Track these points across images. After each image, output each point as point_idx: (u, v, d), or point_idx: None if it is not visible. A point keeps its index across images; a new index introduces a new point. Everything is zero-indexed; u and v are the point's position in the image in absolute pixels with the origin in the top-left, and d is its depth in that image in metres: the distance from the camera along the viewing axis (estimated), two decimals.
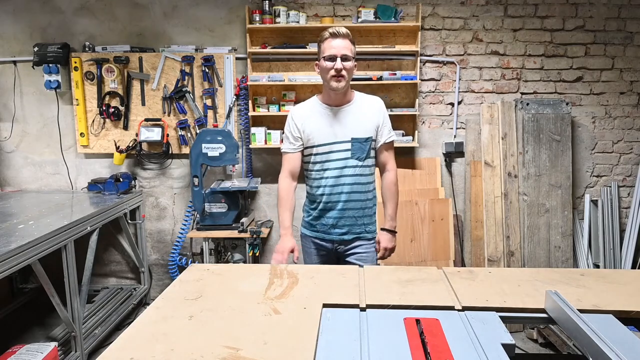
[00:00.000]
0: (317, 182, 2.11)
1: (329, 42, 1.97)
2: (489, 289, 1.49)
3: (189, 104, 3.44)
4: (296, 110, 2.15)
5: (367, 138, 2.07)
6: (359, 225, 2.12)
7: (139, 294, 3.56)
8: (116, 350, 1.14)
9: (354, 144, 2.05)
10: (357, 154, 2.06)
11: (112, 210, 3.05)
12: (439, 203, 3.44)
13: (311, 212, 2.17)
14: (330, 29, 1.98)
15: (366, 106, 2.11)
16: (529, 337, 3.13)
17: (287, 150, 2.14)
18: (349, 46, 1.97)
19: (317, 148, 2.08)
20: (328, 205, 2.10)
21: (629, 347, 1.10)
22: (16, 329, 3.14)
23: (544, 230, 3.35)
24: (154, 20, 3.42)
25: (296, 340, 1.16)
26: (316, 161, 2.10)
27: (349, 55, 1.97)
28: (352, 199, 2.08)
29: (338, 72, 1.96)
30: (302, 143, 2.10)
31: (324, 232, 2.14)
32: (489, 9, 3.37)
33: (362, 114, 2.08)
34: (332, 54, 1.95)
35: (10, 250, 2.06)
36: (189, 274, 1.66)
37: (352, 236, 2.12)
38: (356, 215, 2.11)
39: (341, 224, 2.10)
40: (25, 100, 3.54)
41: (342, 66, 1.95)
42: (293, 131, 2.11)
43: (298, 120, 2.10)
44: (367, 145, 2.07)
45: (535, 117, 3.33)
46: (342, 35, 1.96)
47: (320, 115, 2.08)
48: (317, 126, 2.07)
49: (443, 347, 1.12)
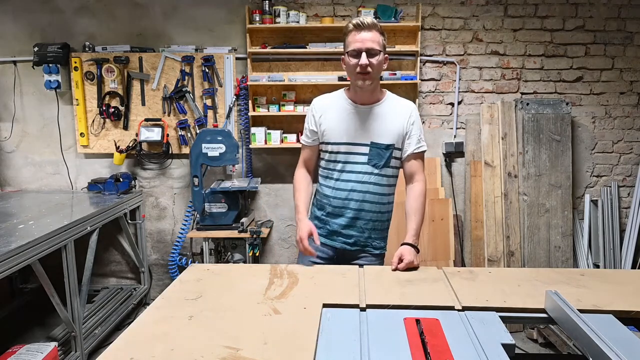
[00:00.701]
0: (327, 182, 1.96)
1: (353, 36, 1.77)
2: (489, 289, 1.49)
3: (189, 104, 3.44)
4: (317, 101, 1.98)
5: (388, 145, 1.87)
6: (364, 239, 1.94)
7: (139, 294, 3.56)
8: (116, 350, 1.14)
9: (372, 149, 1.86)
10: (374, 160, 1.87)
11: (112, 210, 3.05)
12: (439, 203, 3.44)
13: (317, 213, 2.01)
14: (355, 20, 1.77)
15: (396, 110, 1.91)
16: (529, 337, 3.13)
17: (303, 142, 2.01)
18: (376, 38, 1.77)
19: (331, 146, 1.91)
20: (335, 210, 1.94)
21: (629, 347, 1.10)
22: (16, 329, 3.14)
23: (544, 230, 3.35)
24: (154, 20, 3.42)
25: (296, 340, 1.16)
26: (329, 160, 1.94)
27: (375, 48, 1.76)
28: (362, 209, 1.90)
29: (363, 69, 1.76)
30: (317, 138, 1.95)
31: (326, 236, 1.96)
32: (489, 9, 3.37)
33: (389, 117, 1.88)
34: (356, 48, 1.75)
35: (10, 250, 2.05)
36: (189, 274, 1.66)
37: (356, 248, 1.95)
38: (365, 227, 1.93)
39: (347, 233, 1.93)
40: (25, 100, 3.54)
41: (368, 62, 1.75)
42: (310, 124, 1.96)
43: (317, 112, 1.93)
44: (388, 153, 1.88)
45: (535, 117, 3.33)
46: (367, 26, 1.75)
47: (342, 111, 1.90)
48: (335, 122, 1.90)
49: (443, 347, 1.12)
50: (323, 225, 1.98)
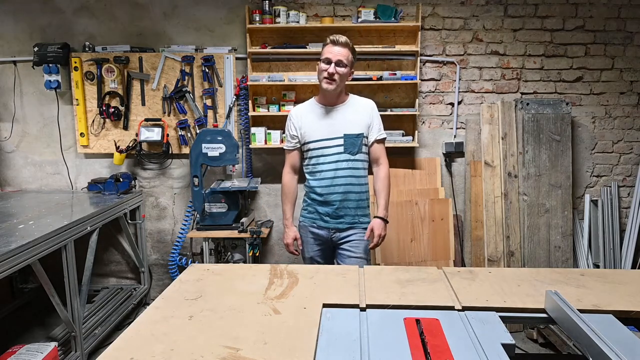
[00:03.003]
0: (313, 175, 2.33)
1: (328, 47, 2.21)
2: (489, 289, 1.49)
3: (189, 104, 3.44)
4: (294, 110, 2.40)
5: (358, 134, 2.28)
6: (352, 216, 2.32)
7: (139, 294, 3.56)
8: (116, 350, 1.14)
9: (346, 139, 2.26)
10: (349, 148, 2.27)
11: (112, 210, 3.05)
12: (439, 203, 3.44)
13: (309, 202, 2.38)
14: (332, 37, 2.21)
15: (358, 106, 2.33)
16: (529, 337, 3.13)
17: (287, 147, 2.43)
18: (345, 54, 2.19)
19: (312, 144, 2.30)
20: (325, 197, 2.30)
21: (629, 347, 1.10)
22: (16, 329, 3.14)
23: (544, 230, 3.35)
24: (154, 20, 3.42)
25: (296, 340, 1.16)
26: (312, 156, 2.32)
27: (343, 61, 2.18)
28: (348, 191, 2.29)
29: (330, 76, 2.18)
30: (299, 140, 2.35)
31: (320, 220, 2.34)
32: (489, 9, 3.37)
33: (354, 112, 2.30)
34: (328, 58, 2.18)
35: (10, 250, 2.05)
36: (189, 274, 1.66)
37: (346, 225, 2.33)
38: (352, 207, 2.31)
39: (336, 214, 2.31)
40: (25, 100, 3.54)
41: (335, 70, 2.17)
42: (290, 130, 2.37)
43: (295, 120, 2.35)
44: (359, 140, 2.28)
45: (535, 117, 3.33)
46: (341, 43, 2.19)
47: (315, 114, 2.32)
48: (312, 124, 2.30)
49: (443, 347, 1.12)
50: (315, 210, 2.35)
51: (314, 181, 2.33)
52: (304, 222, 2.42)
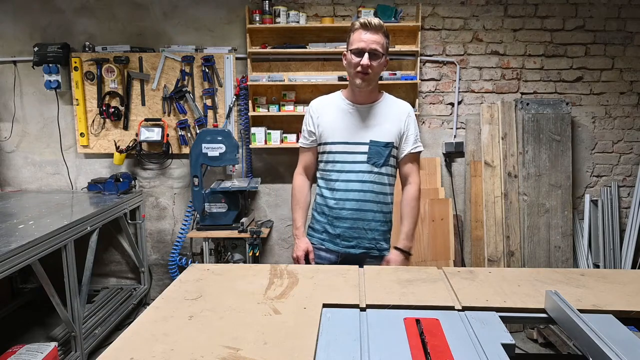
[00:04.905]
0: (326, 184, 1.95)
1: (359, 34, 1.78)
2: (489, 289, 1.49)
3: (189, 104, 3.44)
4: (315, 102, 2.00)
5: (387, 143, 1.88)
6: (368, 240, 1.92)
7: (139, 294, 3.56)
8: (116, 350, 1.13)
9: (371, 147, 1.87)
10: (373, 158, 1.88)
11: (112, 210, 3.05)
12: (439, 203, 3.44)
13: (318, 218, 2.00)
14: (362, 19, 1.79)
15: (393, 109, 1.93)
16: (529, 337, 3.13)
17: (302, 144, 2.02)
18: (380, 41, 1.78)
19: (330, 146, 1.91)
20: (336, 211, 1.92)
21: (629, 347, 1.10)
22: (16, 329, 3.14)
23: (544, 230, 3.35)
24: (154, 20, 3.42)
25: (296, 340, 1.16)
26: (328, 160, 1.93)
27: (379, 51, 1.78)
28: (363, 209, 1.89)
29: (364, 69, 1.78)
30: (316, 139, 1.95)
31: (329, 241, 1.96)
32: (489, 9, 3.37)
33: (387, 116, 1.90)
34: (360, 48, 1.77)
35: (10, 250, 2.05)
36: (189, 274, 1.66)
37: (359, 251, 1.93)
38: (366, 228, 1.91)
39: (349, 235, 1.92)
40: (25, 100, 3.54)
41: (369, 63, 1.77)
42: (308, 124, 1.97)
43: (314, 113, 1.95)
44: (387, 151, 1.88)
45: (535, 117, 3.33)
46: (374, 27, 1.77)
47: (340, 111, 1.92)
48: (334, 122, 1.91)
49: (443, 347, 1.12)
50: (324, 229, 1.97)
51: (327, 190, 1.94)
52: (310, 239, 2.02)
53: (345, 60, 1.87)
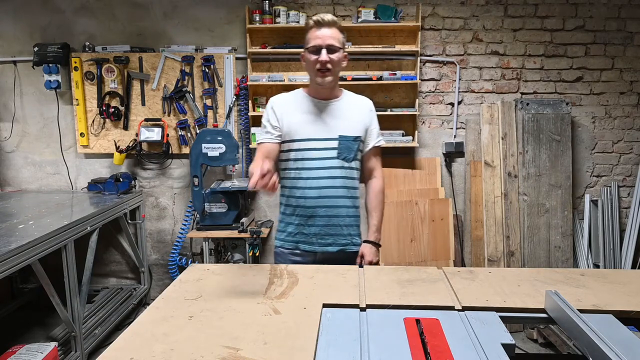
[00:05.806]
0: (295, 182, 1.87)
1: (314, 32, 1.77)
2: (489, 289, 1.49)
3: (189, 104, 3.44)
4: (276, 98, 1.93)
5: (356, 137, 1.87)
6: (344, 236, 1.89)
7: (139, 294, 3.56)
8: (116, 350, 1.13)
9: (341, 142, 1.84)
10: (344, 153, 1.84)
11: (112, 210, 3.05)
12: (439, 203, 3.44)
13: (290, 220, 1.90)
14: (315, 17, 1.77)
15: (357, 104, 1.94)
16: (529, 337, 3.13)
17: (263, 140, 1.88)
18: (336, 35, 1.77)
19: (298, 143, 1.84)
20: (311, 210, 1.85)
21: (629, 347, 1.10)
22: (16, 329, 3.14)
23: (544, 230, 3.35)
24: (154, 20, 3.42)
25: (296, 340, 1.16)
26: (297, 158, 1.86)
27: (335, 45, 1.75)
28: (338, 205, 1.86)
29: (323, 65, 1.76)
30: (281, 134, 1.87)
31: (304, 242, 1.89)
32: (489, 9, 3.37)
33: (351, 111, 1.90)
34: (317, 45, 1.75)
35: (10, 250, 2.05)
36: (189, 274, 1.66)
37: (337, 248, 1.89)
38: (342, 224, 1.88)
39: (325, 232, 1.87)
40: (25, 100, 3.54)
41: (328, 58, 1.75)
42: (271, 120, 1.88)
43: (278, 109, 1.87)
44: (356, 145, 1.87)
45: (535, 117, 3.33)
46: (327, 23, 1.76)
47: (304, 107, 1.87)
48: (299, 118, 1.86)
49: (443, 347, 1.12)
50: (298, 230, 1.89)
51: (298, 190, 1.86)
52: (283, 247, 1.92)
53: (303, 61, 1.85)
